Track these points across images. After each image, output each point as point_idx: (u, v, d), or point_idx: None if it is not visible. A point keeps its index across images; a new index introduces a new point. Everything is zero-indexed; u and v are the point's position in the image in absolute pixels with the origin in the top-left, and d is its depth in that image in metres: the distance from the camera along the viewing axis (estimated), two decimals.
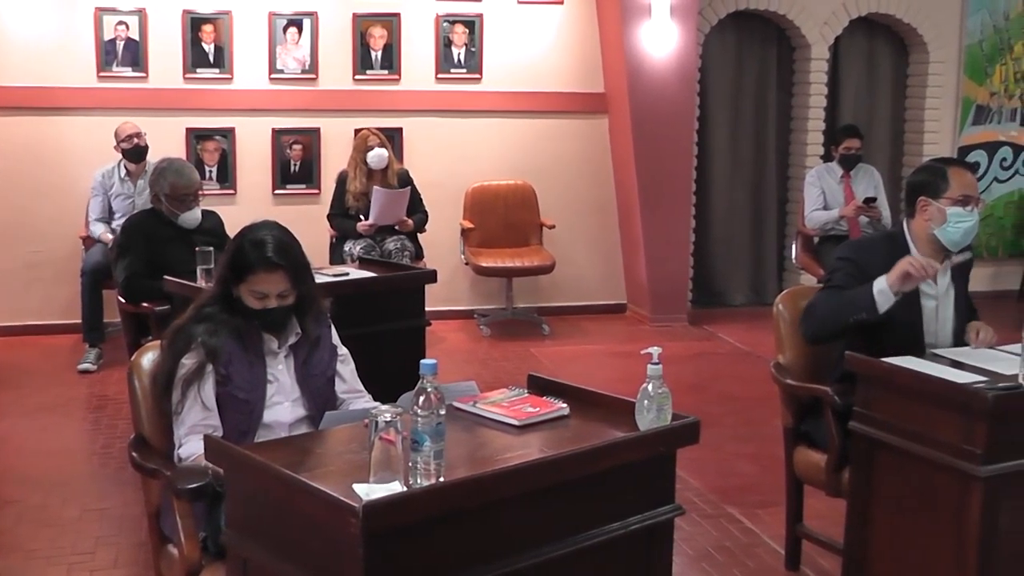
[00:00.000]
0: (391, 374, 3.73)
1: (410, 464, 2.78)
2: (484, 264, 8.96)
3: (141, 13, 8.77)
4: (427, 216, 8.59)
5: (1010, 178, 10.94)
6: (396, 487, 2.74)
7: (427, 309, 6.04)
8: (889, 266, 4.18)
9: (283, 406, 3.71)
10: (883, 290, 4.13)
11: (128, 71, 8.79)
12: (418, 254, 8.45)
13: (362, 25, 9.15)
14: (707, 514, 5.44)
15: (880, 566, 4.10)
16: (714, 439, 6.39)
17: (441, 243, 9.07)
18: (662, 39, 9.05)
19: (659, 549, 3.31)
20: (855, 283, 4.25)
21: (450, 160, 9.36)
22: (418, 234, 8.55)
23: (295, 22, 9.04)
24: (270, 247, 3.66)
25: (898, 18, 10.26)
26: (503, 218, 9.29)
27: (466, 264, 9.14)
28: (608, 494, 3.13)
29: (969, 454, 3.70)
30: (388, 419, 2.75)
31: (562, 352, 8.52)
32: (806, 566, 4.79)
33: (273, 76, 9.04)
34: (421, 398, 2.78)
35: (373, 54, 9.19)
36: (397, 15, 9.20)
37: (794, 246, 9.20)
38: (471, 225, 9.19)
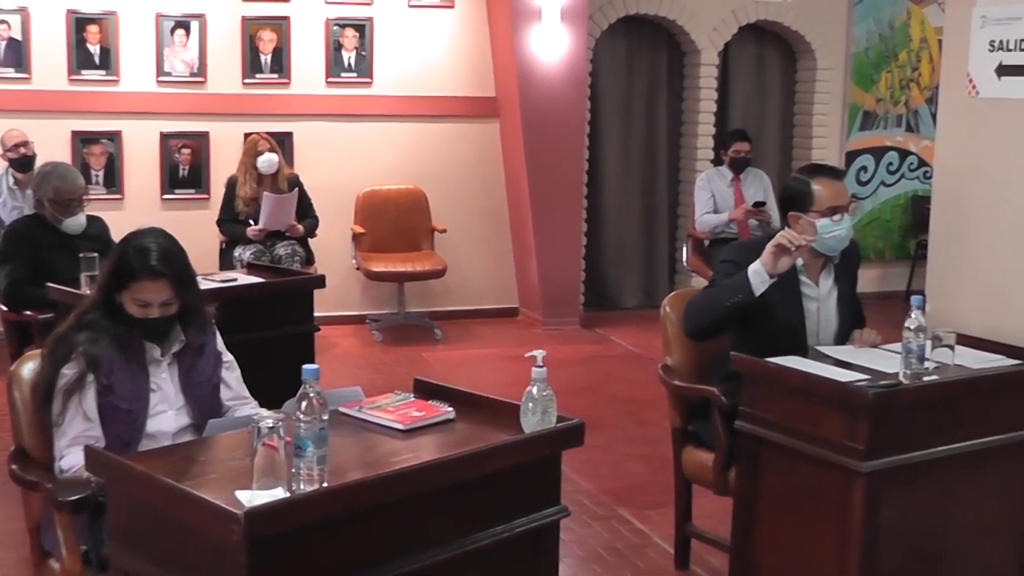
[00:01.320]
0: (280, 381, 3.68)
1: (293, 470, 2.76)
2: (375, 269, 8.93)
3: (23, 12, 8.59)
4: (318, 221, 8.53)
5: (896, 182, 11.15)
6: (279, 493, 2.72)
7: (318, 315, 6.00)
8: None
9: (167, 415, 3.66)
10: (758, 270, 4.18)
11: (11, 72, 8.61)
12: (309, 259, 8.39)
13: (251, 28, 9.07)
14: (598, 516, 5.46)
15: (766, 562, 4.15)
16: (605, 441, 6.46)
17: (332, 248, 9.01)
18: (552, 43, 9.09)
19: (545, 551, 3.33)
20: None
21: (341, 165, 9.31)
22: (309, 239, 8.49)
23: (183, 24, 8.93)
24: (154, 255, 3.61)
25: (786, 25, 10.40)
26: (394, 223, 9.26)
27: (357, 269, 9.10)
28: (494, 497, 3.14)
29: (852, 450, 3.77)
30: (271, 425, 2.73)
31: (454, 356, 8.52)
32: (695, 565, 4.83)
33: (161, 79, 8.92)
34: (304, 403, 2.77)
35: (263, 57, 9.11)
36: (286, 18, 9.13)
37: (685, 249, 9.29)
38: (362, 230, 9.14)
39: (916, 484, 3.96)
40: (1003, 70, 4.85)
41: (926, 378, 3.90)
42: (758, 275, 4.18)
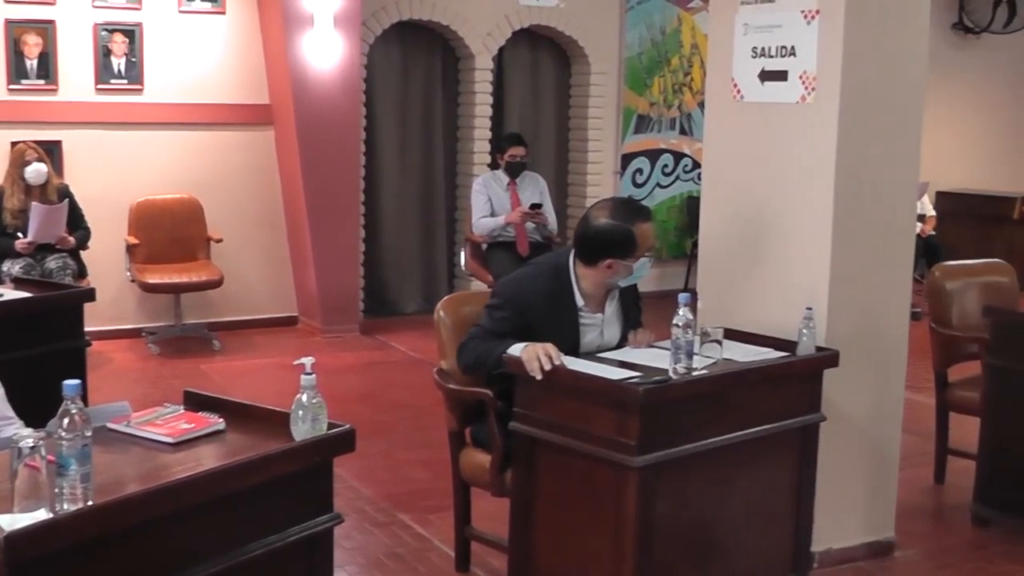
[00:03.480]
0: (50, 399, 3.57)
1: (56, 490, 2.67)
2: (151, 280, 8.72)
3: None
4: (89, 233, 8.30)
5: (672, 183, 11.42)
6: (42, 515, 2.63)
7: (91, 329, 5.85)
8: (550, 300, 4.35)
9: None
10: (516, 352, 4.19)
11: None
12: (81, 272, 8.16)
13: (15, 32, 8.74)
14: (379, 522, 5.44)
15: (544, 560, 4.21)
16: (386, 447, 6.45)
17: (106, 260, 8.76)
18: (326, 49, 9.03)
19: (319, 559, 3.30)
20: (507, 325, 4.32)
21: (113, 174, 9.05)
22: (80, 252, 8.25)
23: None
24: None
25: (559, 30, 10.55)
26: (169, 233, 9.06)
27: (132, 281, 8.87)
28: (266, 506, 3.10)
29: (624, 446, 3.85)
30: (31, 445, 2.63)
31: (233, 367, 8.39)
32: (476, 567, 4.85)
33: None
34: (65, 421, 2.68)
35: (28, 63, 8.80)
36: (52, 22, 8.83)
37: (463, 253, 9.31)
38: (136, 241, 8.92)
39: (689, 476, 4.07)
40: (765, 75, 5.01)
41: (695, 373, 4.00)
42: (514, 350, 4.21)
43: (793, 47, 4.90)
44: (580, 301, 4.42)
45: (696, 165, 11.25)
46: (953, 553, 5.33)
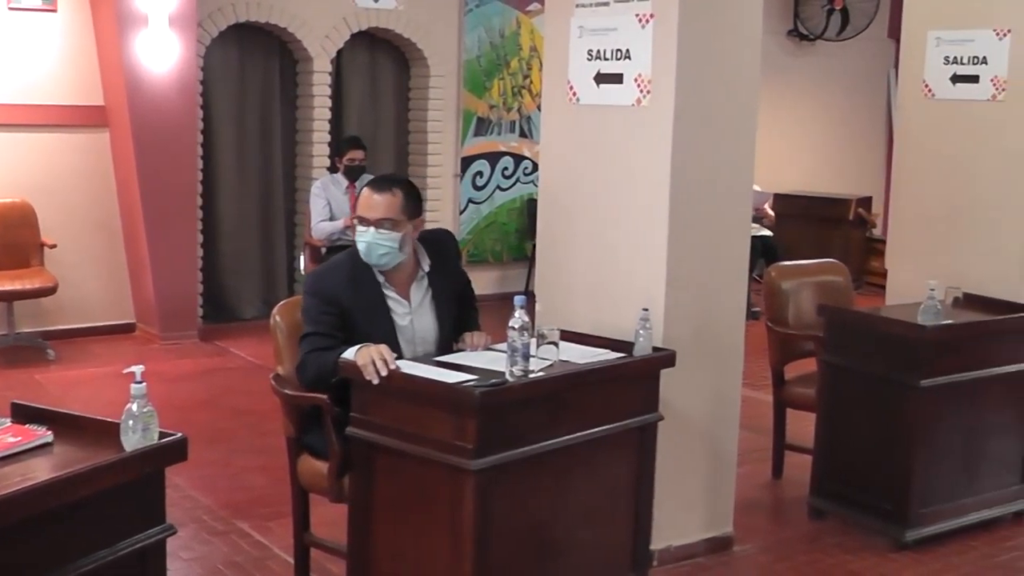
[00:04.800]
0: None
1: None
2: None
3: None
4: None
5: (512, 186, 11.46)
6: None
7: None
8: (353, 281, 4.36)
9: None
10: (351, 358, 4.16)
11: None
12: None
13: None
14: (218, 531, 5.35)
15: (383, 566, 4.18)
16: (225, 455, 6.36)
17: None
18: (161, 50, 8.85)
19: (152, 572, 3.21)
20: (328, 318, 4.31)
21: None
22: None
23: None
24: None
25: (398, 33, 10.51)
26: (0, 239, 8.79)
27: None
28: (95, 520, 3.01)
29: (461, 450, 3.84)
30: None
31: (68, 377, 8.17)
32: (316, 574, 4.78)
33: None
34: None
35: None
36: None
37: (302, 257, 9.24)
38: None
39: (527, 478, 4.08)
40: (601, 78, 5.04)
41: (531, 375, 4.01)
42: (348, 354, 4.18)
43: (628, 50, 4.95)
44: (380, 277, 4.40)
45: (536, 168, 11.13)
46: (790, 546, 5.45)
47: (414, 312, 4.47)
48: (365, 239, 4.34)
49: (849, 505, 5.62)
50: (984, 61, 6.48)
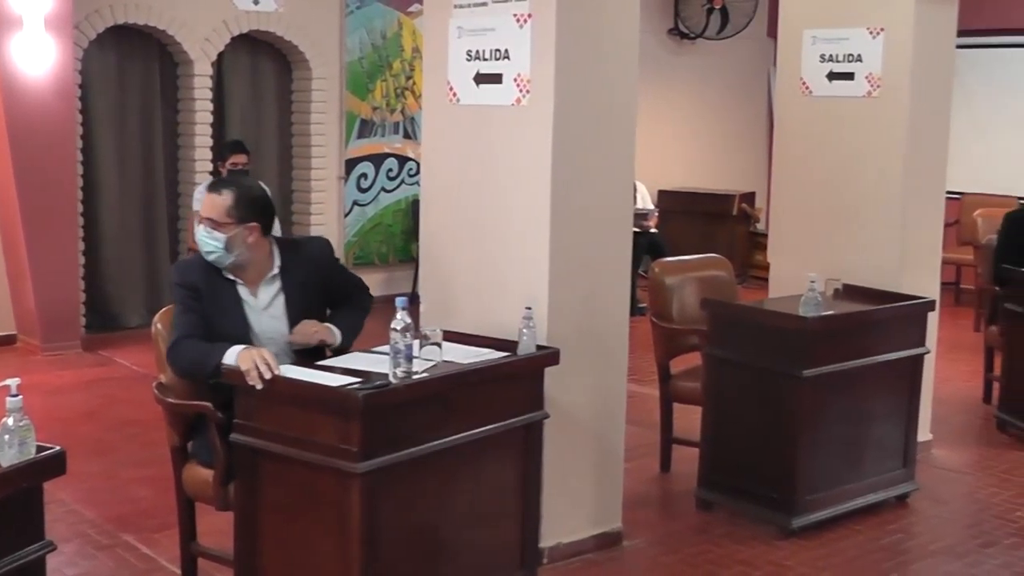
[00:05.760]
0: None
1: None
2: None
3: None
4: None
5: (397, 187, 11.43)
6: None
7: None
8: (207, 273, 4.40)
9: None
10: (231, 358, 4.16)
11: None
12: None
13: None
14: (103, 545, 5.26)
15: (271, 572, 4.15)
16: (110, 467, 6.27)
17: None
18: (37, 54, 8.67)
19: None
20: (196, 303, 4.37)
21: None
22: None
23: None
24: None
25: (279, 35, 10.43)
26: None
27: None
28: None
29: (346, 453, 3.84)
30: None
31: None
32: None
33: None
34: None
35: None
36: None
37: None
38: None
39: (414, 479, 4.09)
40: (480, 78, 5.05)
41: (415, 376, 4.01)
42: (229, 358, 4.17)
43: (507, 50, 4.96)
44: (229, 275, 4.44)
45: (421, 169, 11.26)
46: (678, 538, 5.51)
47: (263, 311, 4.48)
48: (197, 235, 4.44)
49: (736, 495, 5.70)
50: (859, 59, 6.60)
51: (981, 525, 5.79)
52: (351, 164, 11.05)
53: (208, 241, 4.37)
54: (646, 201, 11.48)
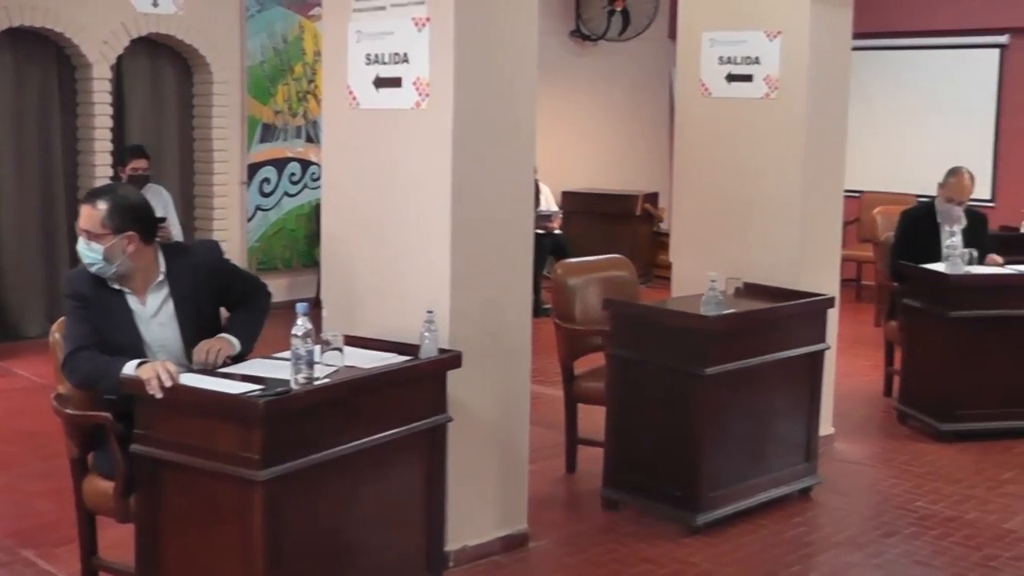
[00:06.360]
0: None
1: None
2: None
3: None
4: None
5: (300, 192, 11.36)
6: None
7: None
8: (94, 289, 4.35)
9: None
10: (129, 371, 4.13)
11: None
12: None
13: None
14: (1, 563, 5.17)
15: None
16: (9, 481, 6.19)
17: None
18: None
19: None
20: (87, 313, 4.35)
21: None
22: None
23: None
24: None
25: (179, 39, 10.32)
26: None
27: None
28: None
29: (248, 461, 3.82)
30: None
31: None
32: None
33: None
34: None
35: None
36: None
37: None
38: None
39: (317, 486, 4.07)
40: (380, 82, 5.04)
41: (317, 382, 4.00)
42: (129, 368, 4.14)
43: (406, 54, 4.96)
44: (115, 284, 4.40)
45: None
46: (584, 538, 5.54)
47: (152, 319, 4.44)
48: (78, 248, 4.38)
49: (641, 494, 5.74)
50: (757, 61, 6.68)
51: (882, 516, 5.90)
52: (254, 169, 10.96)
53: (88, 253, 4.33)
54: (549, 203, 11.53)
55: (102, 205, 4.35)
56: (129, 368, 4.09)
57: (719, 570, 5.17)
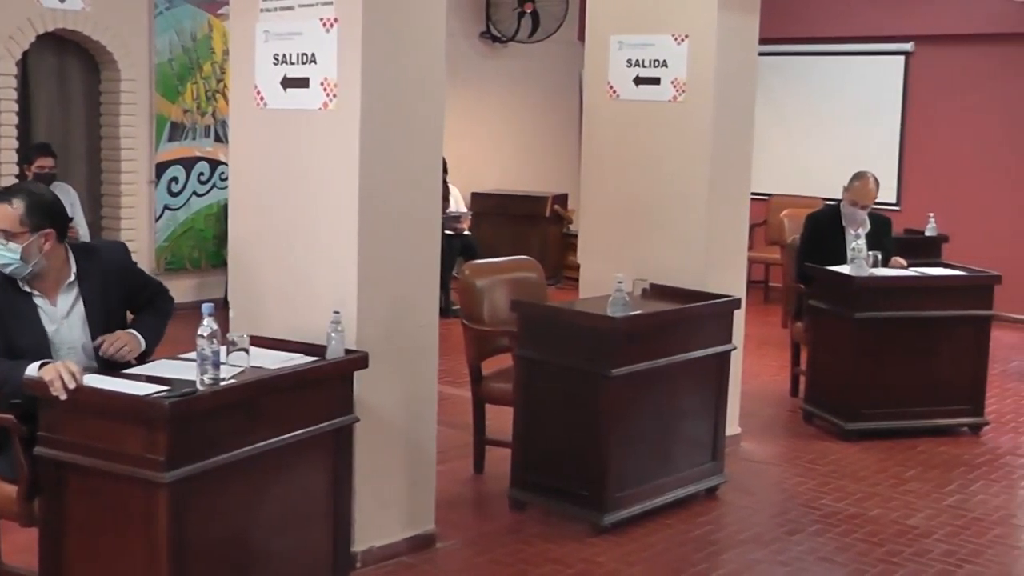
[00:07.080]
0: None
1: None
2: None
3: None
4: None
5: (208, 191, 11.25)
6: None
7: None
8: (2, 289, 4.28)
9: None
10: (31, 373, 4.08)
11: None
12: None
13: None
14: None
15: None
16: None
17: None
18: None
19: None
20: None
21: None
22: None
23: None
24: None
25: (87, 35, 10.19)
26: None
27: None
28: None
29: (152, 463, 3.79)
30: None
31: None
32: None
33: None
34: None
35: None
36: None
37: None
38: None
39: (223, 487, 4.06)
40: (287, 82, 5.03)
41: (223, 383, 3.98)
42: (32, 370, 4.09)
43: (314, 54, 4.95)
44: (25, 285, 4.35)
45: None
46: (492, 538, 5.57)
47: (62, 320, 4.40)
48: None
49: (548, 495, 5.78)
50: (664, 64, 6.74)
51: (787, 514, 6.00)
52: (162, 168, 10.84)
53: (4, 253, 4.25)
54: (459, 204, 11.56)
55: (18, 203, 4.28)
56: (32, 369, 4.04)
57: (626, 569, 5.22)
